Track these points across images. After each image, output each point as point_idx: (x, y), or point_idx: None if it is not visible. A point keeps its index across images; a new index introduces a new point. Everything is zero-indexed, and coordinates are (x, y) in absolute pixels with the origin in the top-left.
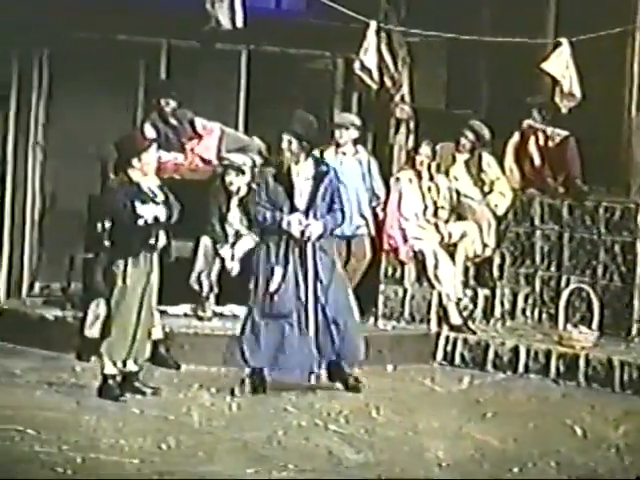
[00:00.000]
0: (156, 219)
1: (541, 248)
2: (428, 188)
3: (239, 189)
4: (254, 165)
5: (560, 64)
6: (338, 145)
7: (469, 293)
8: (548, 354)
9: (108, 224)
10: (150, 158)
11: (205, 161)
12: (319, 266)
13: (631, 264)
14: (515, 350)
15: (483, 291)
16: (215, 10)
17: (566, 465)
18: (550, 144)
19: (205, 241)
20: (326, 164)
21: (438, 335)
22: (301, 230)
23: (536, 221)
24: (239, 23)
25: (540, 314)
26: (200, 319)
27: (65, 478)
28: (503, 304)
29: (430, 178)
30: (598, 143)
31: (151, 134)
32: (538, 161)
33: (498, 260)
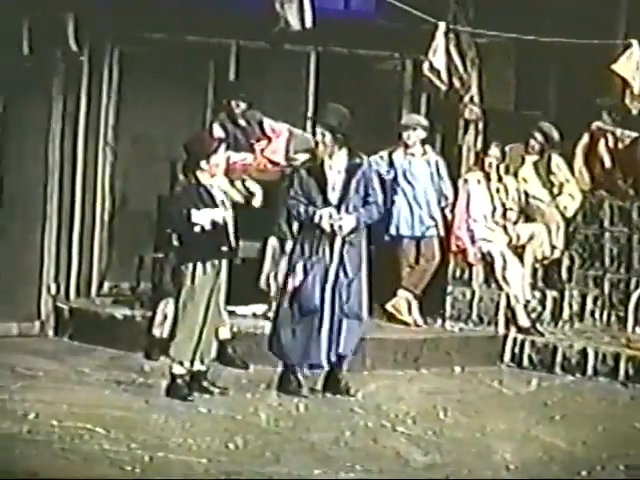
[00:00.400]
0: (215, 225)
1: (610, 250)
2: (497, 189)
3: None
4: None
5: (630, 65)
6: (406, 146)
7: (537, 295)
8: (617, 357)
9: (169, 232)
10: (218, 159)
11: (273, 162)
12: (345, 259)
13: None
14: (583, 352)
15: (551, 293)
16: (284, 11)
17: (635, 468)
18: (620, 146)
19: (273, 242)
20: (360, 156)
21: (506, 337)
22: (331, 224)
23: (605, 223)
24: (308, 24)
25: (609, 316)
26: (269, 319)
27: (133, 476)
28: (572, 306)
29: (499, 179)
30: None
31: (220, 134)
32: (608, 163)
33: (567, 262)
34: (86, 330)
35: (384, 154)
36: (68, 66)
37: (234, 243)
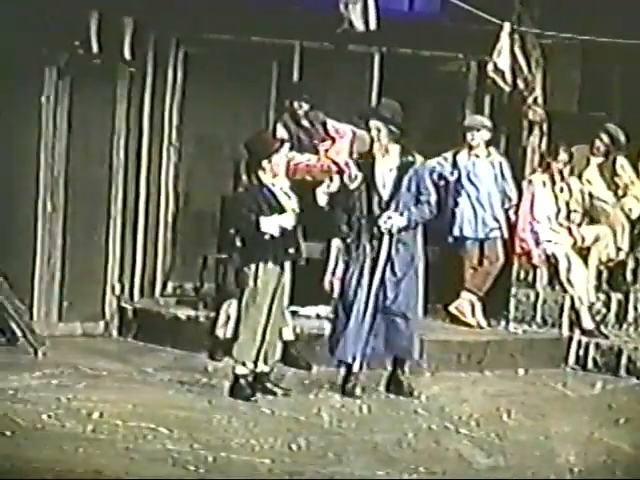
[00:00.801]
0: (283, 231)
1: None
2: (560, 189)
3: None
4: None
5: None
6: (470, 147)
7: (602, 297)
8: None
9: (233, 235)
10: (280, 159)
11: (337, 164)
12: (395, 259)
13: None
14: None
15: (616, 295)
16: (348, 12)
17: None
18: None
19: (336, 242)
20: (412, 154)
21: (570, 339)
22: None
23: None
24: (372, 25)
25: None
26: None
27: (197, 476)
28: (636, 309)
29: (562, 179)
30: None
31: (282, 135)
32: None
33: (632, 264)
34: (150, 330)
35: (448, 155)
36: (131, 67)
37: (300, 243)
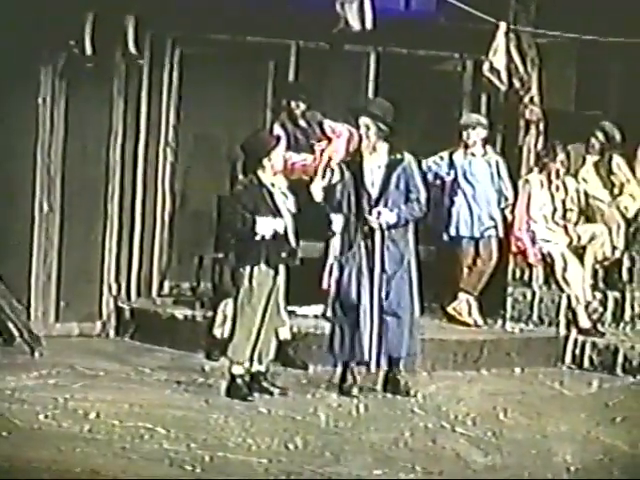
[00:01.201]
0: (276, 234)
1: None
2: (556, 188)
3: None
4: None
5: None
6: (467, 146)
7: (598, 296)
8: None
9: (229, 234)
10: (278, 156)
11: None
12: (385, 256)
13: None
14: None
15: (613, 294)
16: (345, 11)
17: None
18: None
19: (335, 243)
20: (401, 152)
21: (567, 338)
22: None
23: None
24: (368, 24)
25: None
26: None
27: (193, 476)
28: (633, 307)
29: (557, 178)
30: None
31: (279, 134)
32: None
33: (628, 263)
34: (147, 330)
35: (444, 155)
36: (129, 66)
37: (294, 247)
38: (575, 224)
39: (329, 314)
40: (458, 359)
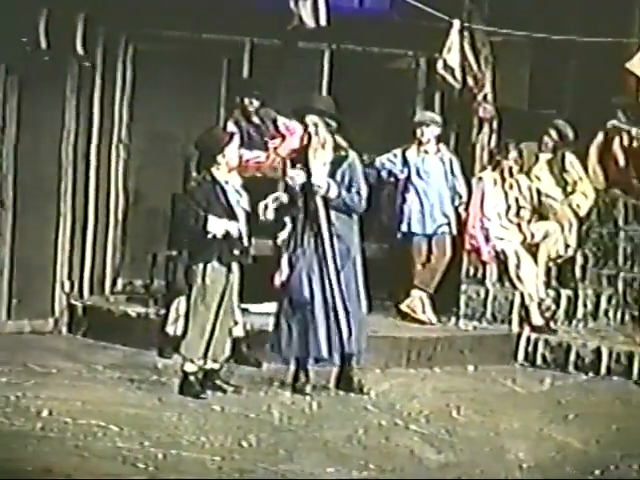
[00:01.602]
0: (226, 234)
1: (624, 249)
2: (510, 186)
3: None
4: None
5: None
6: (420, 143)
7: (551, 294)
8: (631, 356)
9: (182, 232)
10: (233, 152)
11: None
12: (336, 251)
13: None
14: (597, 351)
15: (566, 292)
16: (299, 9)
17: None
18: (635, 145)
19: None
20: (345, 149)
21: (520, 336)
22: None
23: (620, 222)
24: (322, 22)
25: (623, 315)
26: None
27: (147, 474)
28: (586, 305)
29: (511, 176)
30: None
31: (232, 130)
32: (622, 162)
33: (581, 261)
34: (100, 327)
35: (398, 152)
36: (81, 64)
37: (246, 245)
38: (528, 222)
39: (277, 311)
40: (411, 357)
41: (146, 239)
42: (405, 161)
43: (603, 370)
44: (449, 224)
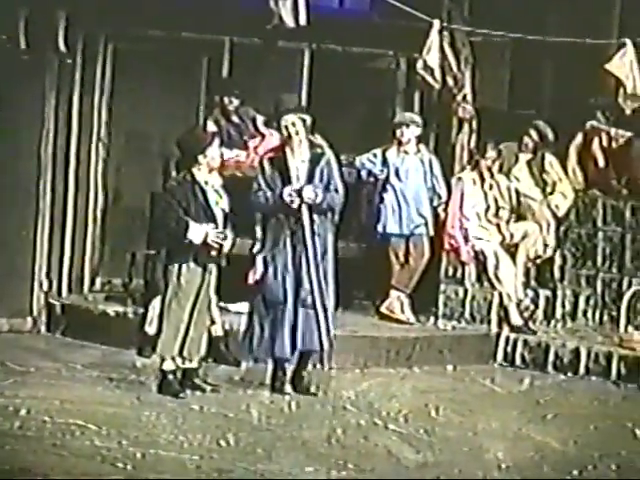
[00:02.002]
0: (204, 241)
1: (603, 249)
2: (489, 186)
3: None
4: None
5: (624, 65)
6: (400, 144)
7: (530, 294)
8: (609, 356)
9: (161, 231)
10: (214, 153)
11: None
12: (317, 250)
13: None
14: (576, 352)
15: (544, 292)
16: (279, 8)
17: (626, 468)
18: (614, 145)
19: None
20: (321, 146)
21: (498, 336)
22: (294, 197)
23: (598, 222)
24: (302, 21)
25: (601, 316)
26: None
27: (125, 474)
28: (564, 305)
29: (491, 176)
30: None
31: (213, 130)
32: (601, 162)
33: (559, 261)
34: (78, 326)
35: (378, 152)
36: (61, 62)
37: (222, 247)
38: (507, 222)
39: (250, 310)
40: (390, 356)
41: (125, 238)
42: (385, 161)
43: (582, 370)
44: (426, 225)
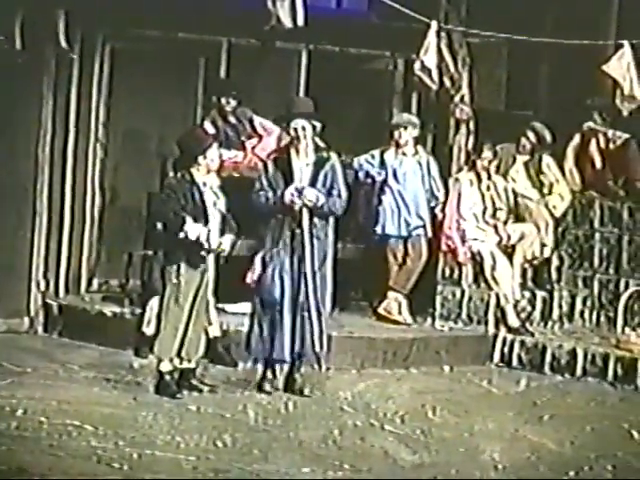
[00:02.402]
0: (197, 240)
1: (600, 251)
2: (487, 187)
3: None
4: None
5: (621, 66)
6: (398, 145)
7: (527, 295)
8: (606, 357)
9: (160, 227)
10: (214, 155)
11: (263, 160)
12: (315, 253)
13: None
14: (573, 353)
15: (541, 293)
16: (276, 9)
17: (623, 469)
18: (611, 147)
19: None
20: (327, 150)
21: (495, 337)
22: (295, 197)
23: (595, 224)
24: (300, 22)
25: (598, 317)
26: None
27: (121, 474)
28: (561, 306)
29: (488, 177)
30: None
31: (211, 131)
32: (599, 164)
33: (556, 262)
34: (75, 327)
35: (376, 153)
36: (59, 63)
37: (214, 248)
38: (505, 223)
39: (251, 311)
40: (387, 357)
41: (122, 238)
42: (383, 162)
43: (578, 371)
44: (424, 226)
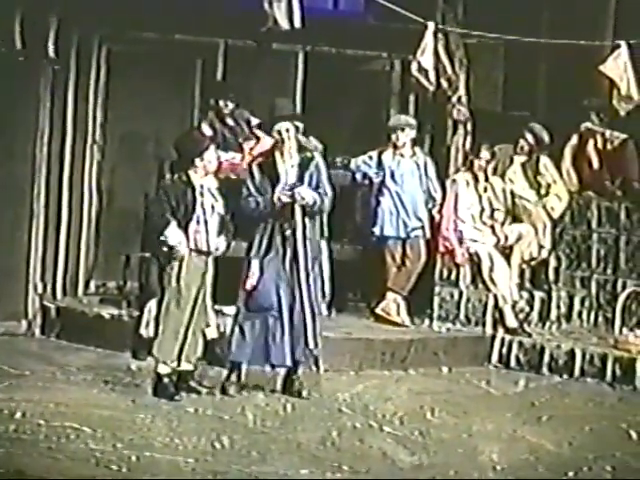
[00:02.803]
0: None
1: (597, 251)
2: (484, 188)
3: None
4: None
5: (618, 66)
6: (395, 147)
7: (525, 296)
8: (604, 358)
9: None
10: (211, 156)
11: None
12: (308, 254)
13: None
14: (571, 353)
15: (539, 294)
16: (273, 10)
17: (621, 469)
18: (608, 147)
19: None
20: (310, 150)
21: (493, 337)
22: (285, 192)
23: (593, 224)
24: (297, 23)
25: (596, 317)
26: None
27: (120, 476)
28: (559, 307)
29: (486, 179)
30: None
31: (209, 133)
32: (596, 164)
33: (554, 263)
34: (73, 329)
35: (373, 154)
36: (53, 67)
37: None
38: (502, 224)
39: (235, 313)
40: (386, 358)
41: (119, 240)
42: (380, 164)
43: (577, 372)
44: (422, 227)
